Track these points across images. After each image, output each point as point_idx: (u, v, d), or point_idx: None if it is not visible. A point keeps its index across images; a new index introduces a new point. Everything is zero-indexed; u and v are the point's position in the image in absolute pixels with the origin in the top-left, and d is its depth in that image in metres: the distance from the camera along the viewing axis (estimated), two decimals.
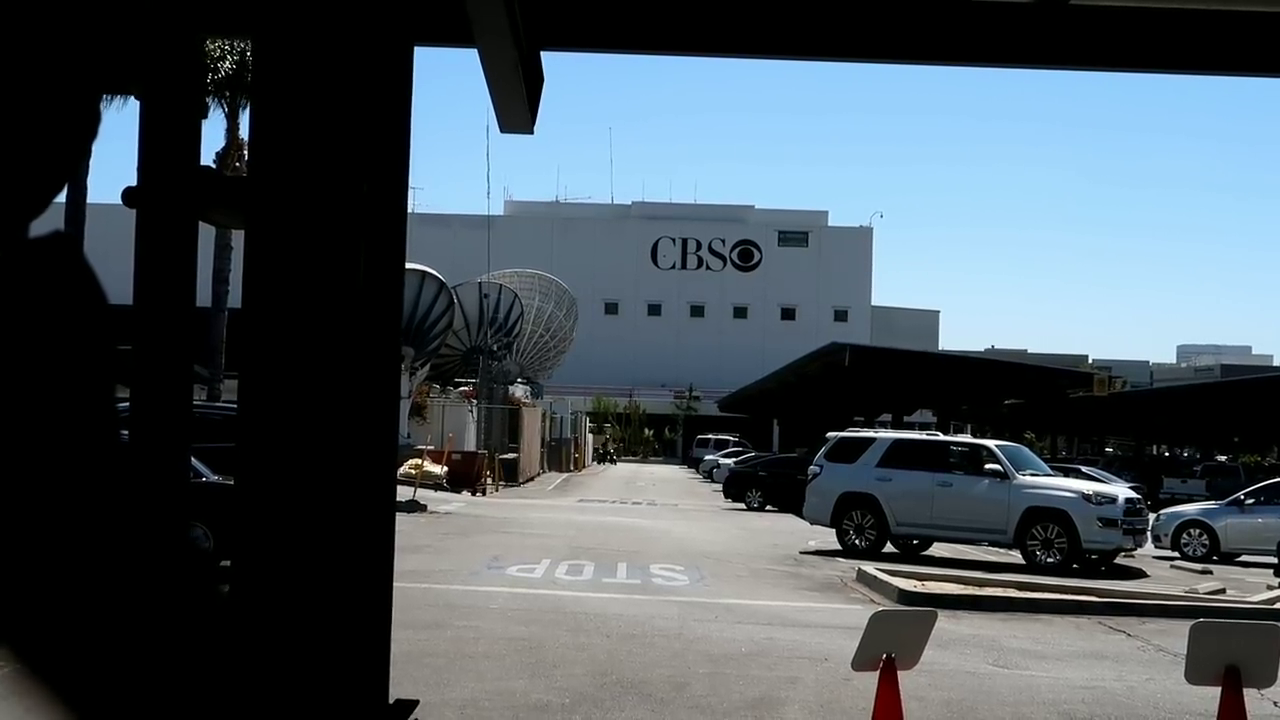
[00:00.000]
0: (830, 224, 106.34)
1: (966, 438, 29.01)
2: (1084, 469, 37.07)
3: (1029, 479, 22.60)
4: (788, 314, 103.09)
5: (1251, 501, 27.31)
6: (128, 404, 3.72)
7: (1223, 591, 18.56)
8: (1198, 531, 27.23)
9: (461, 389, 50.47)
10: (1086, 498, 22.07)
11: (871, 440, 24.70)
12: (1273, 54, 5.86)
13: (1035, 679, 11.28)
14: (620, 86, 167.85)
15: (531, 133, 6.26)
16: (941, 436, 27.34)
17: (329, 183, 3.45)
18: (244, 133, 32.14)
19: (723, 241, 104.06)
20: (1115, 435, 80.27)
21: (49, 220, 1.11)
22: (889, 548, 23.34)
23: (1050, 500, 22.00)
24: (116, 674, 1.05)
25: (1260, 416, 52.28)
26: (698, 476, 62.74)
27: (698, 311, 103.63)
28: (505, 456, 44.61)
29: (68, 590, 1.03)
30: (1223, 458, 67.39)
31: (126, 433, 3.70)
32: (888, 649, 6.92)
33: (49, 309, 1.05)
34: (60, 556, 1.03)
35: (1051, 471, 25.46)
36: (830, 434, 26.19)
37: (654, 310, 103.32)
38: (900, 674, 6.97)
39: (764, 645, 12.26)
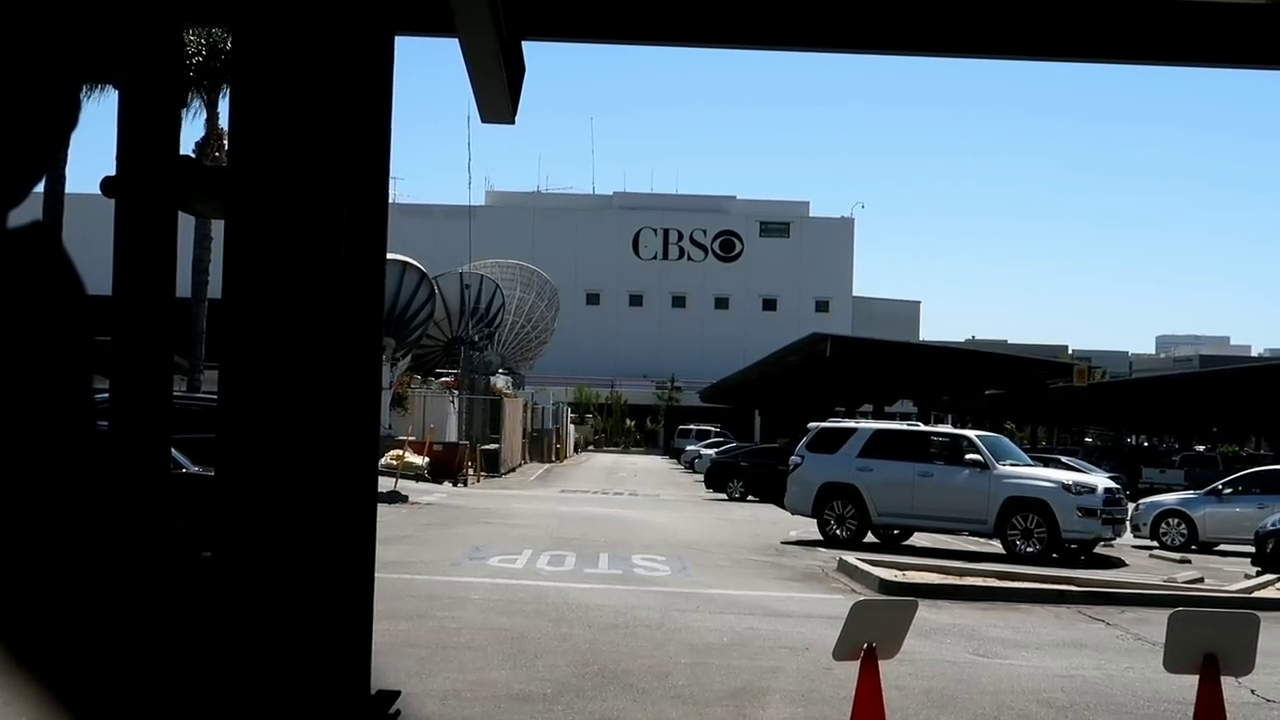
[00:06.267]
0: (812, 214, 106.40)
1: (947, 428, 29.15)
2: (1064, 459, 37.19)
3: (1009, 469, 22.69)
4: (769, 304, 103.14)
5: (1230, 491, 27.47)
6: (107, 395, 3.71)
7: (1201, 580, 18.67)
8: (1176, 521, 27.39)
9: (443, 380, 50.38)
10: (1066, 487, 22.16)
11: (853, 431, 24.74)
12: (1259, 45, 5.88)
13: (1015, 668, 11.33)
14: (602, 77, 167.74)
15: (513, 123, 6.25)
16: (922, 427, 27.44)
17: (309, 172, 3.44)
18: (224, 122, 31.99)
19: (704, 232, 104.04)
20: (1095, 425, 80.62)
21: (28, 210, 1.11)
22: (870, 538, 23.40)
23: (1030, 490, 22.09)
24: (98, 662, 1.05)
25: (1238, 407, 52.57)
26: (679, 467, 62.74)
27: (679, 302, 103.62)
28: (487, 447, 44.56)
29: (48, 580, 1.03)
30: (1201, 448, 67.78)
31: (105, 423, 3.68)
32: (869, 638, 6.94)
33: (27, 299, 1.05)
34: (39, 547, 1.02)
35: (1031, 461, 25.57)
36: (812, 424, 26.24)
37: (635, 301, 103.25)
38: (881, 663, 6.99)
39: (745, 635, 12.29)
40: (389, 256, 6.41)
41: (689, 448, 63.93)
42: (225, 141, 24.72)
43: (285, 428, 3.42)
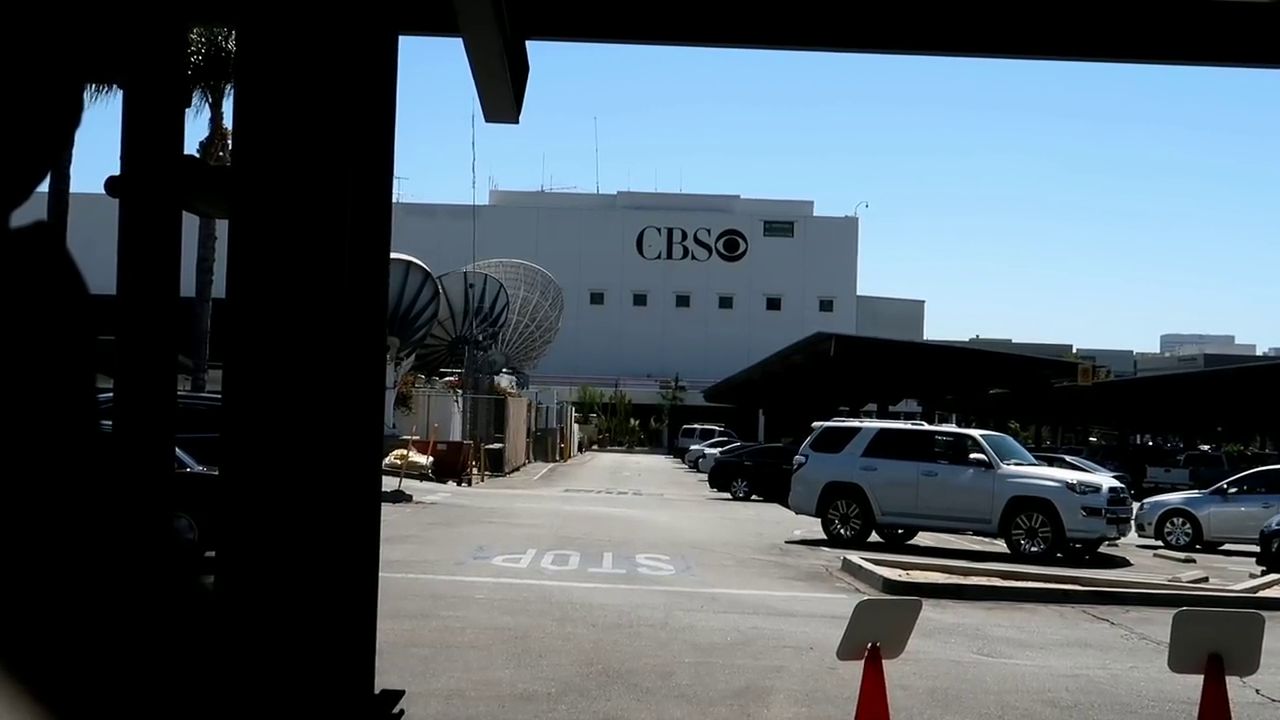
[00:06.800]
0: (816, 214, 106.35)
1: (951, 427, 29.11)
2: (1068, 458, 37.16)
3: (1013, 468, 22.66)
4: (773, 304, 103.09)
5: (1234, 490, 27.44)
6: (111, 395, 3.71)
7: (1206, 580, 18.66)
8: (1181, 520, 27.36)
9: (447, 379, 50.42)
10: (1071, 487, 22.14)
11: (857, 430, 24.73)
12: (1263, 44, 5.87)
13: (1020, 667, 11.32)
14: (606, 76, 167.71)
15: (517, 122, 6.25)
16: (927, 426, 27.41)
17: (313, 172, 3.44)
18: (228, 122, 31.99)
19: (708, 231, 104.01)
20: (1099, 424, 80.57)
21: (31, 210, 1.11)
22: (874, 537, 23.39)
23: (1034, 489, 22.06)
24: (97, 667, 1.05)
25: (1243, 406, 52.51)
26: (683, 466, 62.72)
27: (683, 301, 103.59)
28: (491, 446, 44.56)
29: (48, 583, 1.03)
30: (1206, 447, 67.73)
31: (109, 423, 3.69)
32: (873, 638, 6.94)
33: (30, 300, 1.05)
34: (40, 549, 1.02)
35: (1036, 461, 25.54)
36: (816, 424, 26.23)
37: (639, 300, 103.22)
38: (885, 663, 6.99)
39: (749, 634, 12.28)
40: (393, 256, 6.41)
41: (693, 447, 63.89)
42: (229, 141, 24.73)
43: (289, 427, 3.42)
